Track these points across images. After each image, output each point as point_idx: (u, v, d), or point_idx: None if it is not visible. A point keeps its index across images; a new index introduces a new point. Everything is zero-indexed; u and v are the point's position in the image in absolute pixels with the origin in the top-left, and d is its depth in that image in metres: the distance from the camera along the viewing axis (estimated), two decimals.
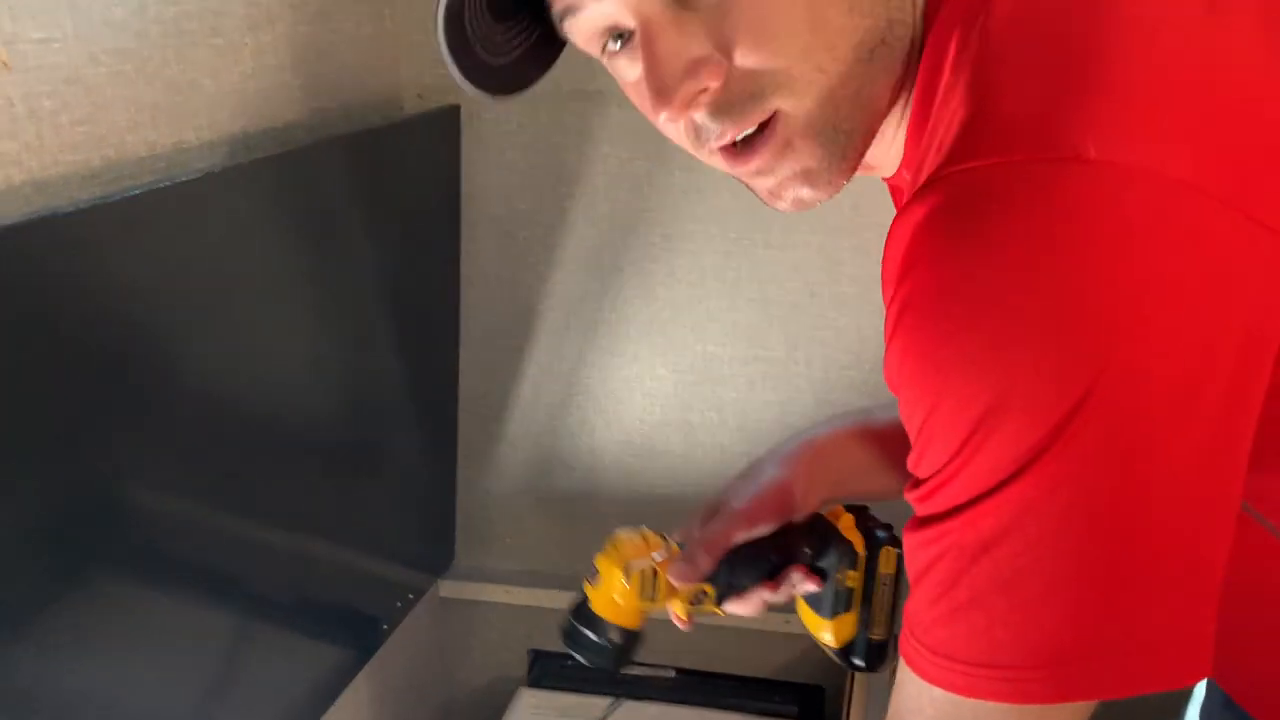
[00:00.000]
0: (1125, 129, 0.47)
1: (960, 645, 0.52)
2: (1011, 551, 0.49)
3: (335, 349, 1.25)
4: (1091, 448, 0.47)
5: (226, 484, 1.07)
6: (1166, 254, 0.47)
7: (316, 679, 1.29)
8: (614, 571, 0.82)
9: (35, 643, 0.85)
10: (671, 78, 0.56)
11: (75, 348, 0.83)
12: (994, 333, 0.48)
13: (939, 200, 0.49)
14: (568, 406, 1.47)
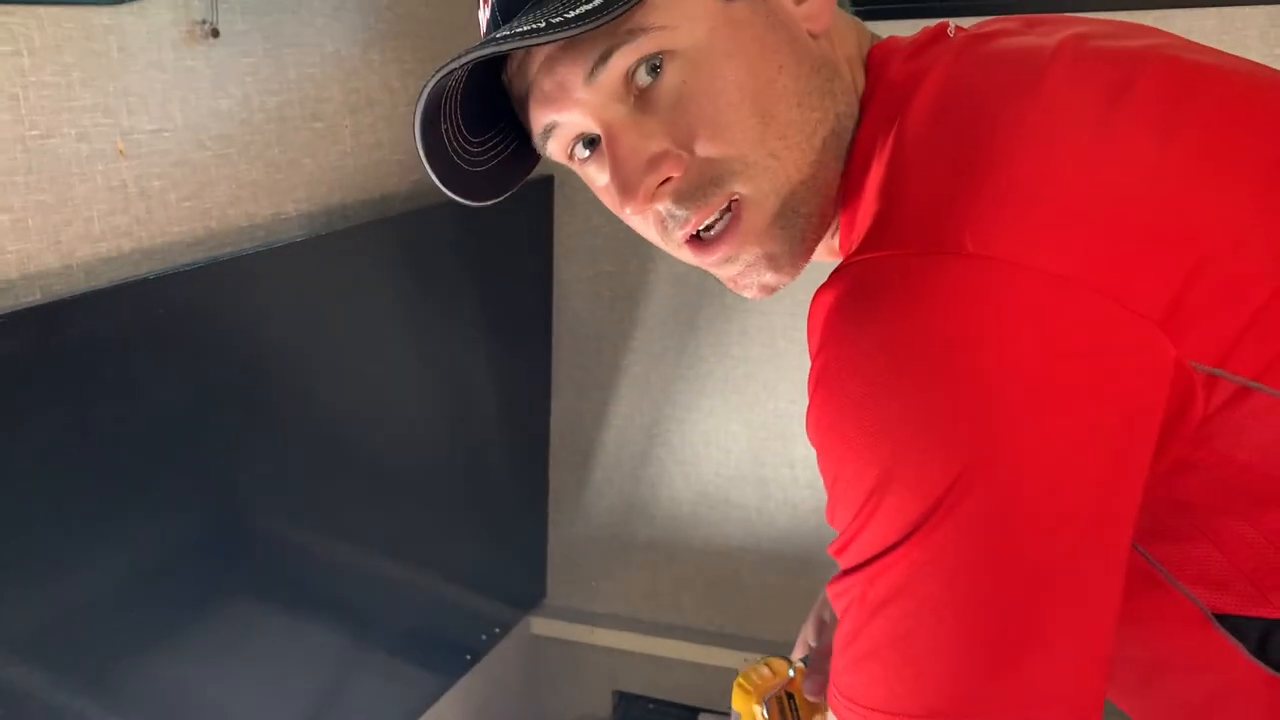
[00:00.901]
0: (1002, 226, 0.51)
1: (862, 692, 0.55)
2: (902, 610, 0.53)
3: (437, 398, 1.37)
4: (965, 523, 0.50)
5: (337, 518, 1.21)
6: (1035, 343, 0.50)
7: (408, 692, 1.40)
8: (750, 708, 0.83)
9: (172, 654, 1.00)
10: (635, 173, 0.60)
11: (207, 394, 0.98)
12: (881, 413, 0.52)
13: (845, 286, 0.54)
14: (648, 458, 1.55)
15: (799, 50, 0.61)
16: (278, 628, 1.17)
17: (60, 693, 0.90)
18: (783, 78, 0.60)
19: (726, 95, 0.60)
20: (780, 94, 0.60)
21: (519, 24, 0.58)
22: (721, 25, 0.59)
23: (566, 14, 0.55)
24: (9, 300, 0.83)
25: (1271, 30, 1.13)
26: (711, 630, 1.56)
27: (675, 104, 0.60)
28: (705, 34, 0.59)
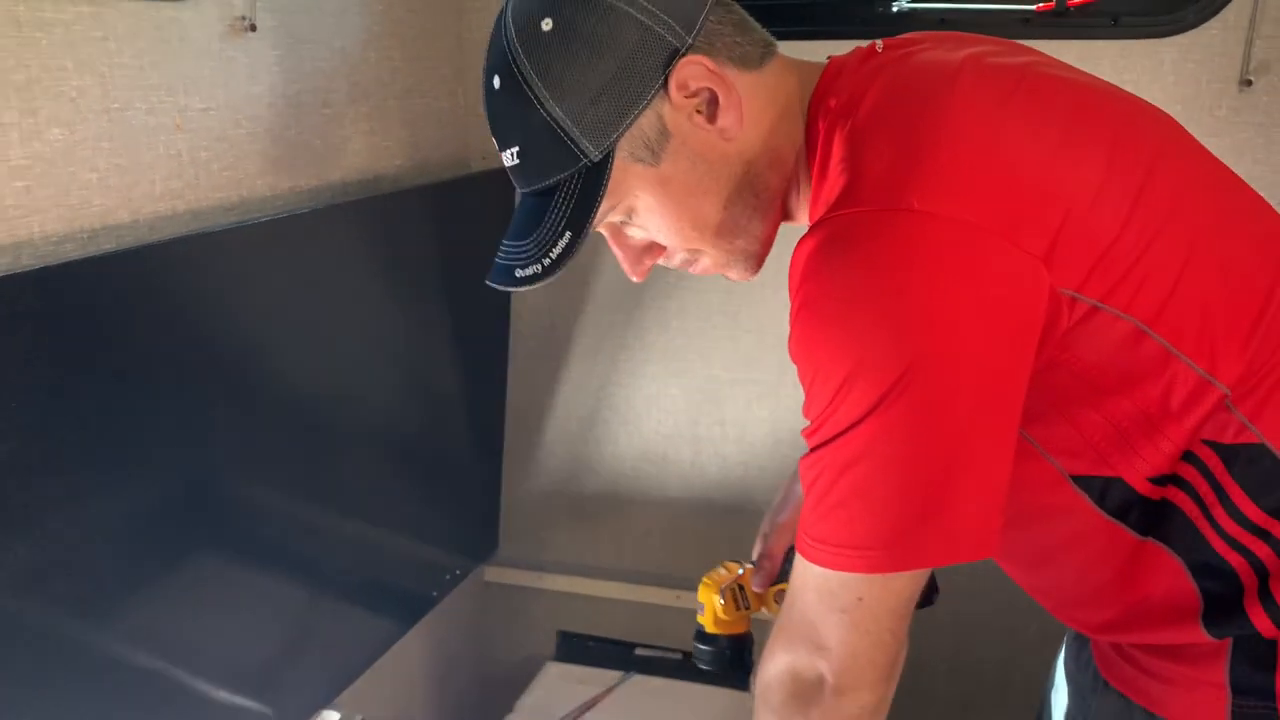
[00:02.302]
0: (938, 190, 0.72)
1: (830, 533, 0.76)
2: (862, 470, 0.73)
3: (403, 362, 1.53)
4: (908, 406, 0.71)
5: (306, 475, 1.33)
6: (960, 274, 0.72)
7: (370, 635, 1.55)
8: (711, 597, 1.05)
9: (147, 601, 1.09)
10: (630, 264, 0.89)
11: (194, 352, 1.09)
12: (849, 329, 0.73)
13: (821, 236, 0.75)
14: (596, 419, 1.74)
15: (718, 170, 0.84)
16: (250, 575, 1.28)
17: (42, 630, 0.98)
18: (707, 202, 0.84)
19: (670, 230, 0.85)
20: (709, 212, 0.85)
21: (514, 252, 0.84)
22: (656, 186, 0.82)
23: (524, 270, 0.82)
24: (93, 248, 0.98)
25: (1120, 60, 1.40)
26: (648, 572, 1.76)
27: (643, 233, 0.86)
28: (646, 196, 0.82)
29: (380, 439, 1.50)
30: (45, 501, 0.94)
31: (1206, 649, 0.81)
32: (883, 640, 0.76)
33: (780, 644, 0.81)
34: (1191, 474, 0.78)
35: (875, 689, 0.78)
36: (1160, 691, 0.85)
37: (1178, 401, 0.75)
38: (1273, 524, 0.77)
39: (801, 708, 0.79)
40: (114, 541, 1.04)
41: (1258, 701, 0.80)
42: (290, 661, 1.36)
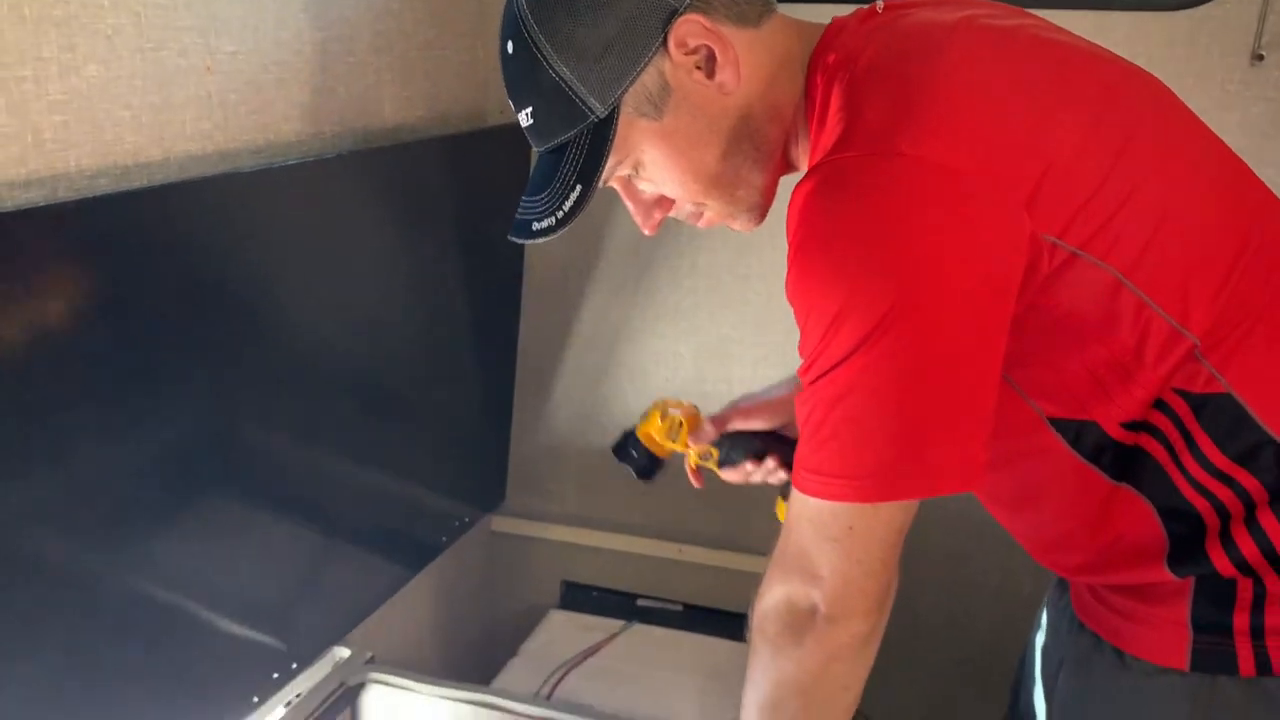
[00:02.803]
0: (926, 137, 0.76)
1: (822, 464, 0.80)
2: (852, 403, 0.77)
3: (418, 312, 1.55)
4: (895, 341, 0.75)
5: (320, 421, 1.36)
6: (947, 216, 0.75)
7: (380, 577, 1.59)
8: (655, 414, 1.16)
9: (166, 538, 1.12)
10: (640, 217, 0.93)
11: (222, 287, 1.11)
12: (840, 268, 0.77)
13: (817, 180, 0.79)
14: (605, 375, 1.77)
15: (717, 123, 0.87)
16: (265, 517, 1.31)
17: (63, 562, 1.01)
18: (708, 153, 0.88)
19: (675, 181, 0.89)
20: (710, 162, 0.88)
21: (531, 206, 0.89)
22: (660, 140, 0.86)
23: (540, 223, 0.87)
24: (125, 183, 1.01)
25: (1133, 32, 1.41)
26: (651, 526, 1.80)
27: (651, 186, 0.91)
28: (651, 149, 0.86)
29: (393, 388, 1.53)
30: (67, 435, 0.97)
31: (1171, 588, 0.86)
32: (874, 569, 0.81)
33: (776, 576, 0.85)
34: (1162, 421, 0.82)
35: (867, 617, 0.82)
36: (1128, 630, 0.90)
37: (1150, 350, 0.80)
38: (1237, 470, 0.82)
39: (796, 637, 0.83)
40: (133, 478, 1.07)
41: (1216, 638, 0.85)
42: (303, 600, 1.40)
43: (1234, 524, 0.83)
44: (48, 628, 0.99)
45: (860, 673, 0.85)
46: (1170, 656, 0.87)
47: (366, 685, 1.36)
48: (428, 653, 1.72)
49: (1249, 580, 0.83)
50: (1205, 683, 0.86)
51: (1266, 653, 0.83)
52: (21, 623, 0.96)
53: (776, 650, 0.85)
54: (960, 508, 1.60)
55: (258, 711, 1.29)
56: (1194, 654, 0.86)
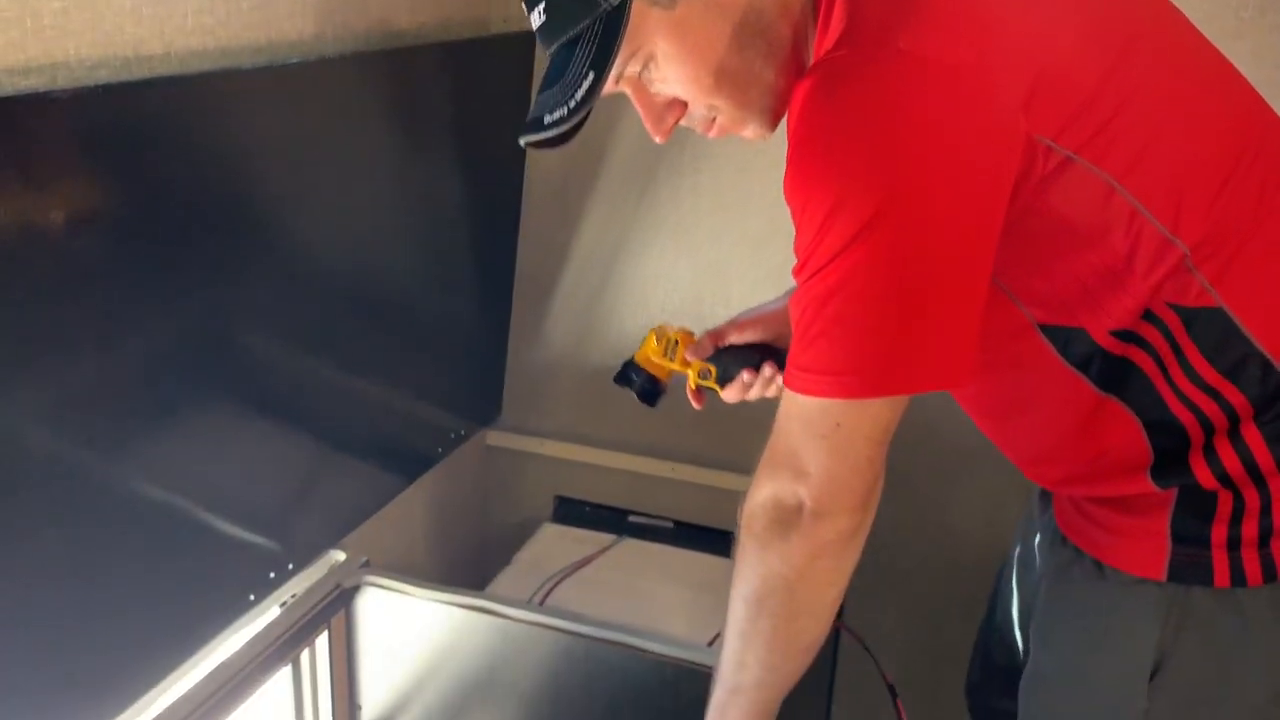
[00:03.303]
0: (925, 35, 0.76)
1: (812, 361, 0.82)
2: (843, 299, 0.79)
3: (416, 221, 1.54)
4: (888, 236, 0.76)
5: (318, 331, 1.36)
6: (941, 112, 0.76)
7: (376, 485, 1.61)
8: (651, 337, 1.19)
9: (165, 438, 1.13)
10: (651, 121, 0.92)
11: (219, 185, 1.10)
12: (833, 164, 0.78)
13: (817, 78, 0.80)
14: (603, 293, 1.77)
15: (729, 13, 0.86)
16: (263, 422, 1.32)
17: (63, 459, 1.01)
18: (721, 45, 0.86)
19: (688, 78, 0.88)
20: (722, 56, 0.87)
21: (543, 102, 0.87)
22: (672, 31, 0.85)
23: (552, 115, 0.85)
24: (126, 75, 1.00)
25: None
26: (644, 444, 1.81)
27: (664, 85, 0.89)
28: (664, 42, 0.85)
29: (390, 298, 1.53)
30: (62, 332, 0.97)
31: (1153, 500, 0.88)
32: (860, 466, 0.83)
33: (764, 474, 0.87)
34: (1153, 334, 0.84)
35: (852, 515, 0.84)
36: (1108, 542, 0.93)
37: (1141, 259, 0.81)
38: (1224, 384, 0.84)
39: (782, 532, 0.85)
40: (130, 381, 1.07)
41: (1194, 550, 0.88)
42: (299, 504, 1.42)
43: (1217, 437, 0.85)
44: (46, 526, 1.00)
45: (845, 569, 0.87)
46: (1147, 568, 0.90)
47: (362, 588, 1.39)
48: (422, 561, 1.75)
49: (1229, 493, 0.85)
50: (1180, 593, 0.89)
51: (1241, 564, 0.86)
52: (20, 521, 0.97)
53: (763, 546, 0.87)
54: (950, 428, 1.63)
55: (254, 610, 1.31)
56: (1171, 565, 0.88)
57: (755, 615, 0.91)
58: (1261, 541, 0.86)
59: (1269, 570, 0.86)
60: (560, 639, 1.32)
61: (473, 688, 1.38)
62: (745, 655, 0.94)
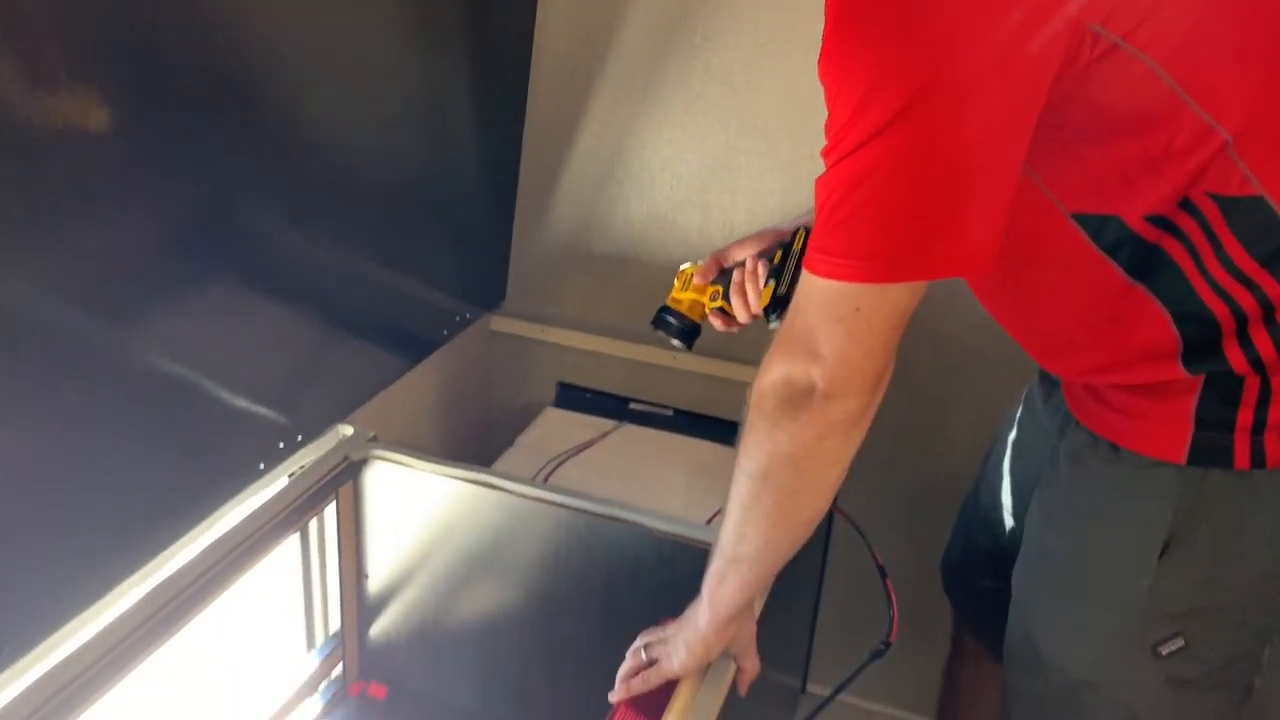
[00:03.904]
0: None
1: (837, 244, 0.81)
2: (875, 182, 0.78)
3: (422, 112, 1.52)
4: (925, 120, 0.75)
5: (322, 204, 1.35)
6: None
7: (382, 364, 1.63)
8: (675, 280, 1.24)
9: (175, 311, 1.13)
10: None
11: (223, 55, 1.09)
12: (871, 46, 0.76)
13: None
14: (608, 180, 1.76)
15: None
16: (271, 300, 1.32)
17: (67, 336, 1.01)
18: None
19: None
20: None
21: None
22: None
23: None
24: None
25: None
26: (646, 331, 1.82)
27: None
28: None
29: (397, 179, 1.53)
30: (78, 204, 0.97)
31: (1180, 385, 0.89)
32: (874, 350, 0.83)
33: (778, 354, 0.88)
34: (1188, 224, 0.83)
35: (861, 396, 0.85)
36: (1126, 426, 0.94)
37: (1182, 146, 0.80)
38: (1260, 273, 0.83)
39: (791, 411, 0.87)
40: (142, 253, 1.08)
41: (1217, 434, 0.89)
42: (307, 379, 1.44)
43: (1251, 325, 0.85)
44: (59, 395, 1.02)
45: (850, 449, 0.89)
46: (1168, 450, 0.91)
47: (369, 461, 1.42)
48: (427, 440, 1.79)
49: (1258, 378, 0.87)
50: (1197, 475, 0.91)
51: (1263, 447, 0.89)
52: (35, 389, 0.99)
53: (772, 424, 0.89)
54: (950, 323, 1.64)
55: (263, 479, 1.34)
56: (1192, 448, 0.90)
57: (759, 490, 0.93)
58: None
59: None
60: (562, 514, 1.35)
61: (477, 560, 1.43)
62: (746, 528, 0.97)
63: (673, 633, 1.09)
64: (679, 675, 1.08)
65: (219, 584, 1.21)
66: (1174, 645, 0.97)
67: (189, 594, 1.16)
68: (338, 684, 1.54)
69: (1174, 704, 1.01)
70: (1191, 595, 0.96)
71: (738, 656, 1.10)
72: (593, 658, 1.28)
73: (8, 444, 0.97)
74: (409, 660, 1.53)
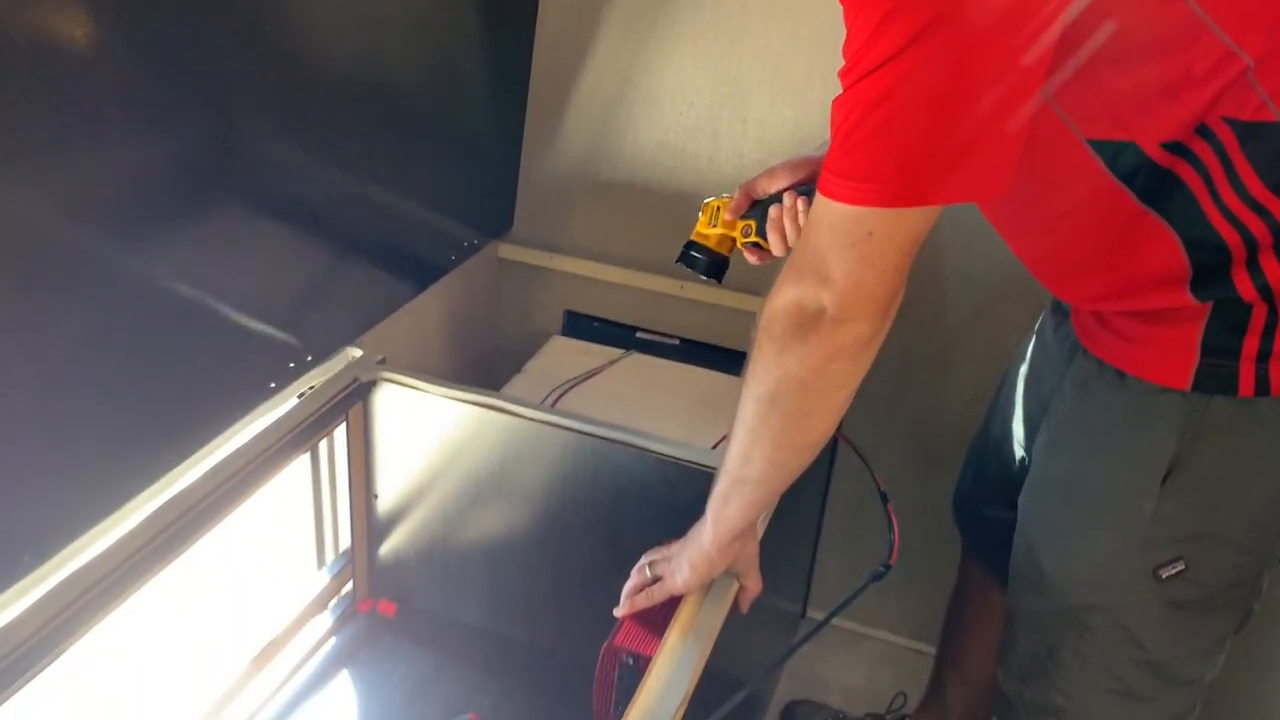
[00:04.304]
0: None
1: (852, 167, 0.81)
2: (892, 105, 0.77)
3: (430, 33, 1.50)
4: (944, 43, 0.74)
5: (330, 135, 1.34)
6: None
7: (391, 289, 1.64)
8: (700, 215, 1.22)
9: (185, 234, 1.13)
10: None
11: None
12: None
13: None
14: (619, 104, 1.75)
15: None
16: (280, 223, 1.32)
17: (77, 257, 1.02)
18: None
19: None
20: None
21: None
22: None
23: None
24: None
25: None
26: (655, 261, 1.83)
27: None
28: None
29: (404, 104, 1.52)
30: (87, 126, 0.96)
31: (1188, 313, 0.90)
32: (885, 275, 0.83)
33: (789, 278, 0.88)
34: (1203, 149, 0.83)
35: (871, 321, 0.86)
36: (1133, 352, 0.95)
37: (1201, 70, 0.79)
38: (1273, 200, 0.83)
39: (800, 334, 0.87)
40: (153, 175, 1.08)
41: (1222, 361, 0.90)
42: (316, 302, 1.45)
43: (1261, 253, 0.85)
44: (74, 313, 1.03)
45: (857, 373, 0.90)
46: (1173, 377, 0.92)
47: (378, 383, 1.44)
48: (435, 365, 1.80)
49: (1265, 306, 0.87)
50: (1202, 402, 0.92)
51: (1268, 375, 0.89)
52: (48, 308, 0.99)
53: (781, 348, 0.89)
54: (958, 264, 1.64)
55: (274, 398, 1.36)
56: (1197, 375, 0.91)
57: (766, 413, 0.94)
58: None
59: None
60: (569, 438, 1.37)
61: (485, 482, 1.45)
62: (752, 450, 0.98)
63: (677, 551, 1.11)
64: (682, 592, 1.10)
65: (231, 500, 1.23)
66: (1175, 569, 0.99)
67: (202, 508, 1.19)
68: (347, 601, 1.57)
69: (1173, 626, 1.03)
70: (1193, 520, 0.98)
71: (740, 575, 1.12)
72: (598, 577, 1.31)
73: (26, 361, 0.98)
74: (418, 579, 1.56)
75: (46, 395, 1.02)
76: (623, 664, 1.15)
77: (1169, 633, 1.04)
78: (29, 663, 0.99)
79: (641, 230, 1.83)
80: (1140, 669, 1.06)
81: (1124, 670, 1.07)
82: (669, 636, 1.05)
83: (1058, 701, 1.12)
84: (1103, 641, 1.07)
